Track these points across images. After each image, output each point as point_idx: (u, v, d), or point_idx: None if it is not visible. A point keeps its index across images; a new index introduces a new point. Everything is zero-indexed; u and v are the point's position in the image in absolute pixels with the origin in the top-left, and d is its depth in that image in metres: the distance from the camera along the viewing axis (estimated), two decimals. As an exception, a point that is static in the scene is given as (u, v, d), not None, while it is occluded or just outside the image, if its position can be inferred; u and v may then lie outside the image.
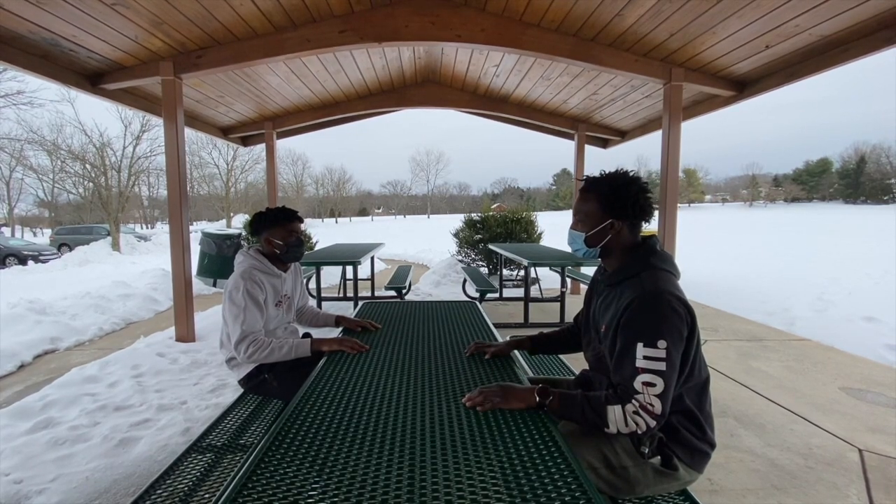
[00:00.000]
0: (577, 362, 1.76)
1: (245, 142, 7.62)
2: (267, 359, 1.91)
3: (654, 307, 1.18)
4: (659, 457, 1.28)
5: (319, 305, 5.67)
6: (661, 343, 1.15)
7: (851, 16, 3.21)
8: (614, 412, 1.17)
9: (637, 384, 1.16)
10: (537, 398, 1.23)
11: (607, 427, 1.17)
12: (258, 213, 2.17)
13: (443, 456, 1.00)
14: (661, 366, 1.15)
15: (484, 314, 2.41)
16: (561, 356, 2.63)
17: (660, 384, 1.15)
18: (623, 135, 7.20)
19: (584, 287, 6.02)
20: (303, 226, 2.31)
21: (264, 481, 0.91)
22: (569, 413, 1.23)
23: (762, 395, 3.10)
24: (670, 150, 4.59)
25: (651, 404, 1.15)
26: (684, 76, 4.42)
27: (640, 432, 1.16)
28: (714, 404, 1.44)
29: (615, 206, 1.33)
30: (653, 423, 1.15)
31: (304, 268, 5.68)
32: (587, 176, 1.41)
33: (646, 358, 1.16)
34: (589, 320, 1.52)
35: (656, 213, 5.02)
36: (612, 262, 1.40)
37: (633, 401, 1.16)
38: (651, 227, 2.32)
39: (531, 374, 1.77)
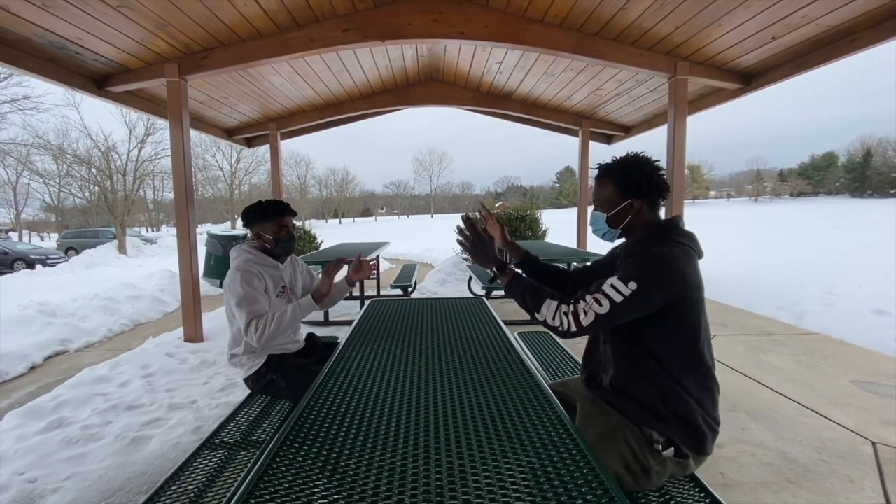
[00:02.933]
0: (579, 350, 1.75)
1: (249, 143, 7.64)
2: (277, 332, 1.88)
3: (647, 261, 1.24)
4: (672, 448, 1.28)
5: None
6: (632, 284, 1.20)
7: (859, 5, 3.18)
8: (549, 305, 1.32)
9: (589, 297, 1.25)
10: (495, 271, 1.49)
11: (538, 312, 1.34)
12: (249, 207, 2.12)
13: (458, 452, 1.00)
14: (618, 298, 1.21)
15: (491, 309, 2.40)
16: (566, 347, 2.66)
17: (606, 307, 1.22)
18: (627, 130, 7.17)
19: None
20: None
21: (276, 481, 0.91)
22: (512, 290, 1.43)
23: (773, 390, 3.08)
24: (676, 144, 4.57)
25: (585, 313, 1.24)
26: (690, 70, 4.39)
27: (560, 329, 1.28)
28: (724, 399, 1.44)
29: (631, 187, 1.37)
30: (573, 328, 1.26)
31: (309, 267, 5.72)
32: (599, 164, 1.45)
33: (612, 287, 1.23)
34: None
35: (662, 209, 5.01)
36: (634, 238, 1.43)
37: (574, 304, 1.27)
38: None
39: (546, 376, 1.77)
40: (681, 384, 1.27)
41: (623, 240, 1.49)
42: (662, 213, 1.46)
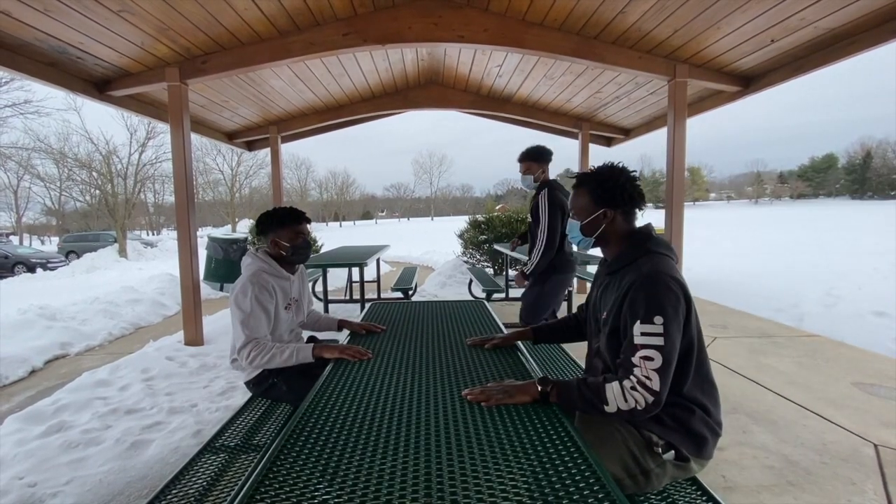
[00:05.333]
0: (581, 353, 1.76)
1: (250, 146, 7.65)
2: (268, 364, 1.89)
3: (650, 287, 1.23)
4: (672, 451, 1.28)
5: (326, 308, 5.65)
6: (658, 319, 1.19)
7: (858, 8, 3.19)
8: (612, 389, 1.20)
9: (636, 359, 1.19)
10: (539, 388, 1.27)
11: (606, 405, 1.20)
12: (265, 213, 2.12)
13: (459, 457, 1.00)
14: (659, 341, 1.18)
15: (492, 312, 2.41)
16: (566, 349, 2.64)
17: (658, 359, 1.17)
18: (627, 133, 7.18)
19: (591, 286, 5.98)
20: (309, 227, 2.27)
21: (277, 485, 0.91)
22: (567, 396, 1.25)
23: (774, 392, 3.08)
24: (675, 147, 4.56)
25: (648, 378, 1.17)
26: (689, 72, 4.40)
27: (638, 408, 1.17)
28: (725, 401, 1.45)
29: (605, 197, 1.40)
30: (650, 399, 1.17)
31: (309, 270, 5.69)
32: (577, 173, 1.51)
33: (643, 334, 1.19)
34: (590, 312, 1.55)
35: (662, 212, 4.96)
36: (611, 250, 1.46)
37: (632, 376, 1.19)
38: (658, 225, 2.33)
39: (538, 370, 1.77)
40: (680, 391, 1.28)
41: (598, 250, 1.51)
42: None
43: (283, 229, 2.07)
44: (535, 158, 3.11)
